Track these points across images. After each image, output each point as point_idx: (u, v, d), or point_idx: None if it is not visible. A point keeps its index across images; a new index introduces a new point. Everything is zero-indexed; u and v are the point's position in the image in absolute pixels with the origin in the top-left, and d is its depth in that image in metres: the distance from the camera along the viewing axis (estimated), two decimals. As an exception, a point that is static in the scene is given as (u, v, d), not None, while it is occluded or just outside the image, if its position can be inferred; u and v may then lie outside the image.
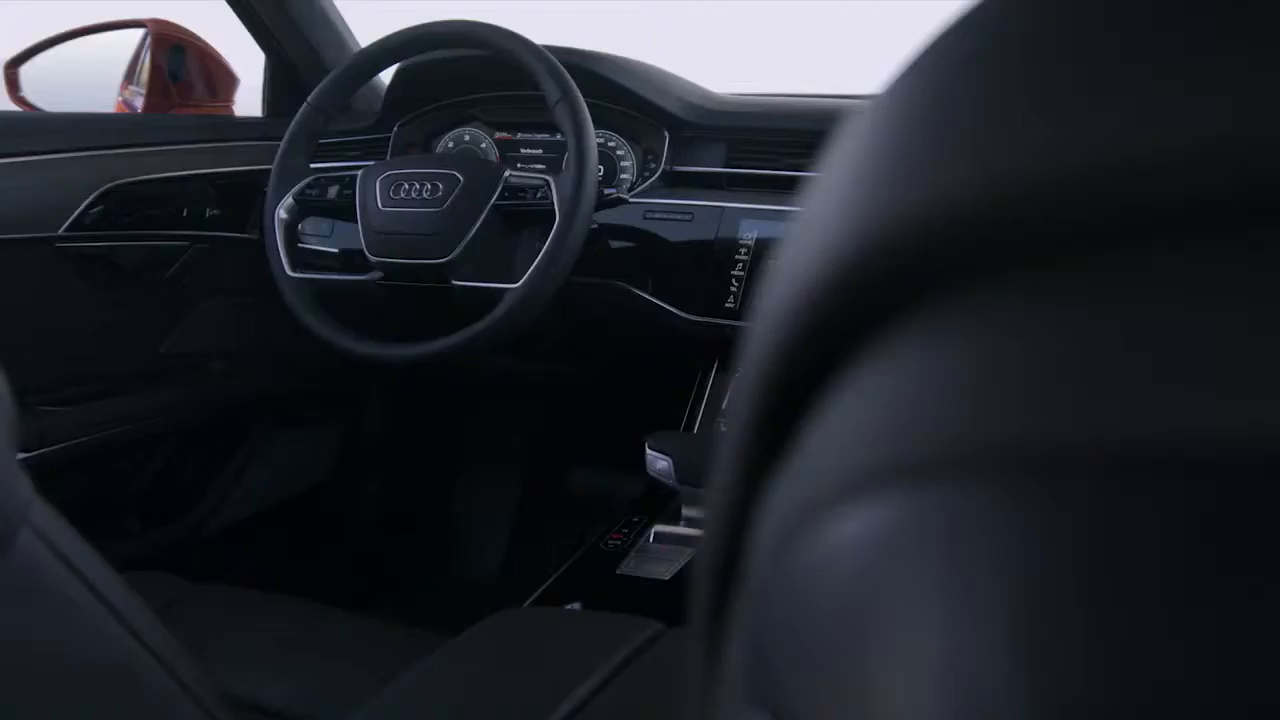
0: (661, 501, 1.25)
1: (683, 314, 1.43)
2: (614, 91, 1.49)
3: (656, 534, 1.17)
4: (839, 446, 0.18)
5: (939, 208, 0.17)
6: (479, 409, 2.07)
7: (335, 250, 1.57)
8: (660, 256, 1.46)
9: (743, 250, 1.42)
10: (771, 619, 0.19)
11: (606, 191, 1.44)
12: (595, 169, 1.33)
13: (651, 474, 1.19)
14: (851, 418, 0.18)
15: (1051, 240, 0.16)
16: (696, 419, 1.41)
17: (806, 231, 0.21)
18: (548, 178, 1.35)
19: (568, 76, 1.33)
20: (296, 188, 1.43)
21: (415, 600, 1.85)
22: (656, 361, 1.61)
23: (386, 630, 1.03)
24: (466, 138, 1.64)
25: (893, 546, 0.16)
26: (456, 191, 1.35)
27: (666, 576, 1.08)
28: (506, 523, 2.02)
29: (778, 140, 1.48)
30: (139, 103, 1.70)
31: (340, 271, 1.54)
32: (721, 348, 1.44)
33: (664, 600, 1.04)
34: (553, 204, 1.32)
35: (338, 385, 1.87)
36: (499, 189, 1.35)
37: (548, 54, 1.34)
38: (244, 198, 1.63)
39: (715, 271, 1.42)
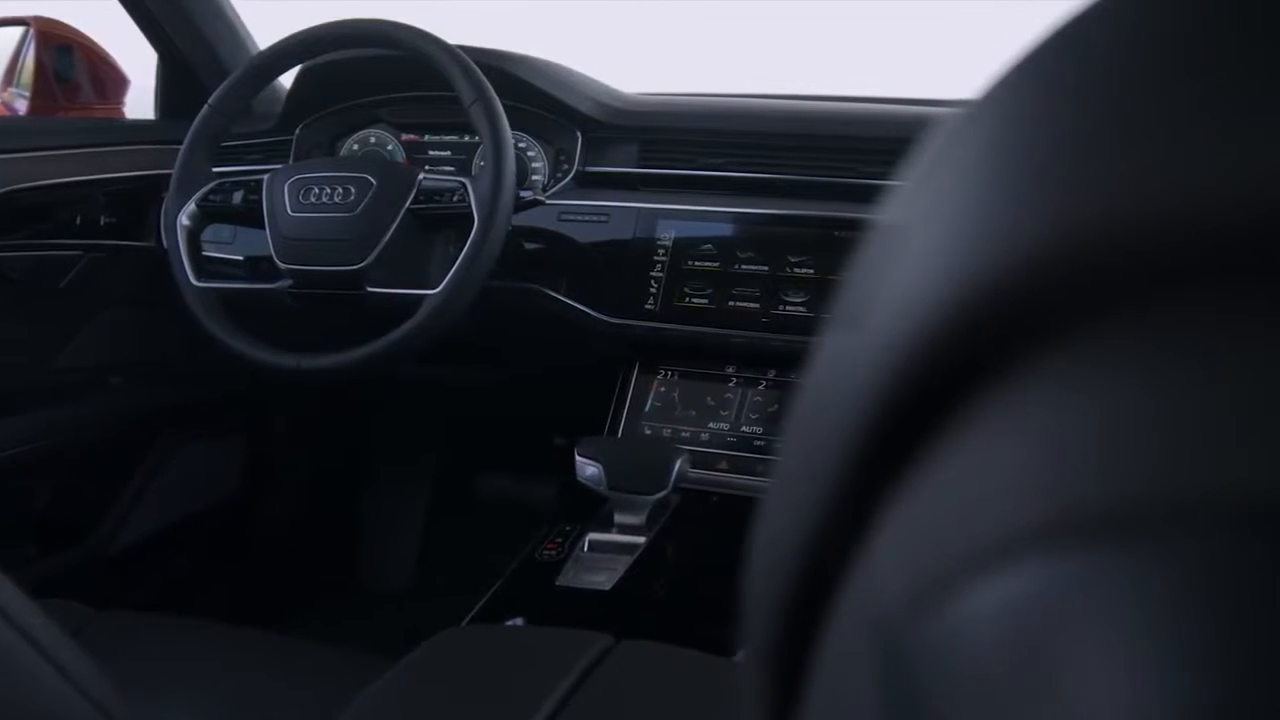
0: (591, 508, 1.23)
1: (601, 316, 1.42)
2: (525, 91, 1.47)
3: (591, 542, 1.15)
4: (990, 500, 0.17)
5: (1094, 230, 0.16)
6: (389, 416, 2.02)
7: (240, 258, 1.52)
8: (576, 258, 1.44)
9: (660, 251, 1.41)
10: (918, 682, 0.18)
11: (522, 193, 1.41)
12: (513, 171, 1.30)
13: (581, 480, 1.17)
14: (999, 467, 0.17)
15: (1220, 267, 0.15)
16: (620, 422, 1.40)
17: (916, 256, 0.20)
18: (463, 180, 1.32)
19: (482, 76, 1.31)
20: (199, 193, 1.38)
21: (331, 615, 1.80)
22: (574, 365, 1.59)
23: (319, 653, 0.99)
24: (372, 140, 1.59)
25: (1080, 606, 0.15)
26: (370, 195, 1.32)
27: (608, 586, 1.06)
28: (419, 532, 1.98)
29: (691, 140, 1.48)
30: (21, 105, 1.62)
31: (247, 280, 1.49)
32: (642, 350, 1.43)
33: (607, 611, 1.03)
34: (469, 207, 1.29)
35: (242, 396, 1.81)
36: (413, 192, 1.32)
37: (461, 53, 1.32)
38: (139, 204, 1.56)
39: (633, 273, 1.41)
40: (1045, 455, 0.16)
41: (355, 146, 1.59)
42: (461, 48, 1.34)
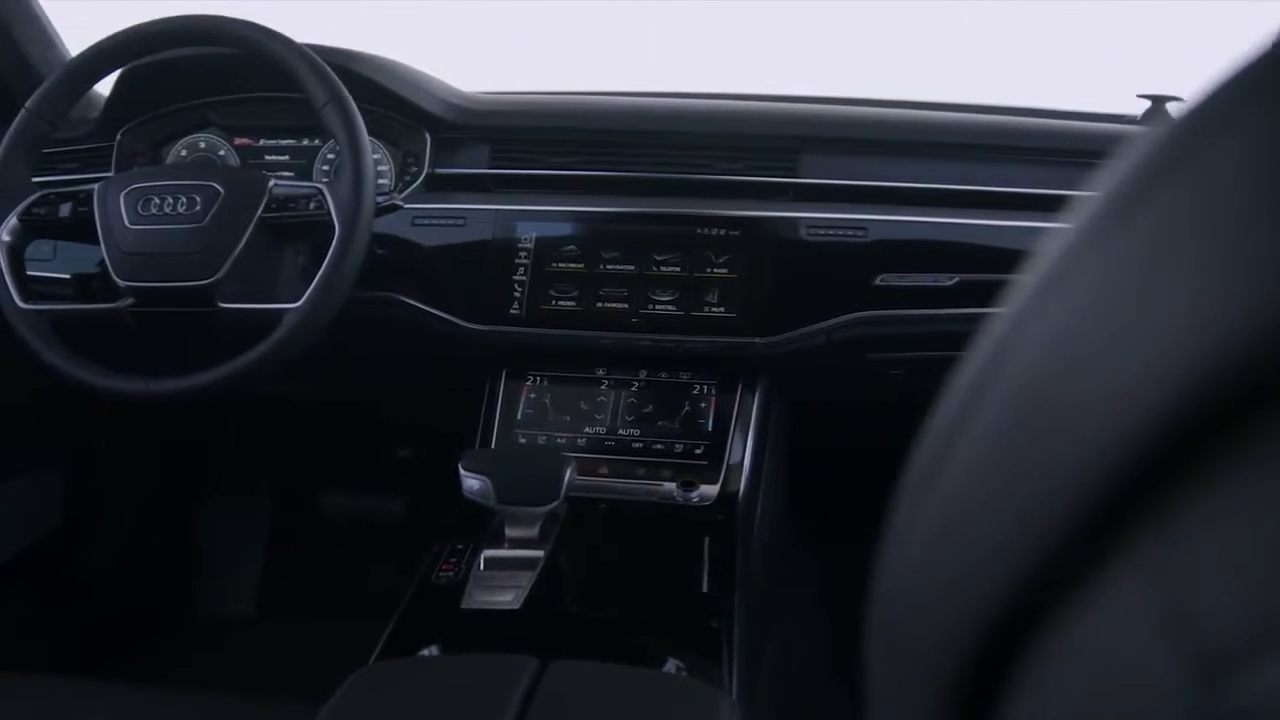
0: (476, 524, 1.18)
1: (464, 323, 1.37)
2: (370, 91, 1.40)
3: (486, 559, 1.11)
4: None
5: None
6: (225, 436, 1.91)
7: (66, 276, 1.40)
8: (432, 264, 1.39)
9: (522, 254, 1.38)
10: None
11: (379, 198, 1.35)
12: (373, 175, 1.24)
13: (468, 496, 1.13)
14: None
15: None
16: (492, 432, 1.35)
17: (1195, 278, 0.18)
18: (319, 186, 1.26)
19: (334, 76, 1.24)
20: (21, 206, 1.26)
21: (180, 652, 1.68)
22: (433, 376, 1.53)
23: (218, 703, 0.91)
24: (202, 145, 1.49)
25: None
26: (218, 205, 1.23)
27: (516, 605, 1.02)
28: (261, 557, 1.88)
29: (544, 139, 1.45)
30: None
31: (77, 300, 1.37)
32: (509, 356, 1.39)
33: (522, 631, 0.99)
34: (327, 214, 1.23)
35: (59, 423, 1.67)
36: (264, 200, 1.24)
37: (310, 52, 1.25)
38: (-61, 220, 1.41)
39: (495, 277, 1.37)
40: None
41: (184, 152, 1.49)
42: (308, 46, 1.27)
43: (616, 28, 1.78)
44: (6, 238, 1.25)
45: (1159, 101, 1.47)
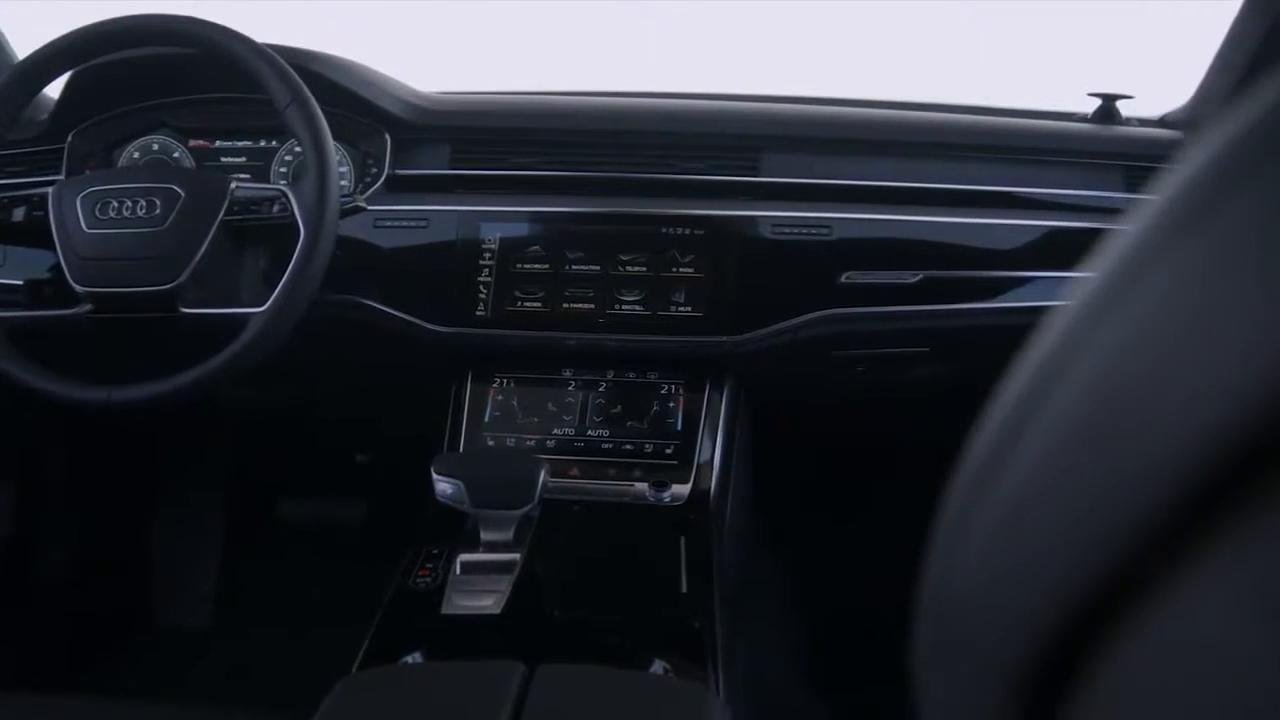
0: (447, 528, 1.17)
1: (429, 325, 1.36)
2: (330, 92, 1.37)
3: (463, 564, 1.10)
4: None
5: None
6: (181, 442, 1.87)
7: (18, 282, 1.36)
8: (395, 266, 1.38)
9: (486, 255, 1.36)
10: None
11: (341, 200, 1.33)
12: (337, 175, 1.23)
13: (441, 500, 1.12)
14: None
15: None
16: (460, 435, 1.34)
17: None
18: (282, 188, 1.24)
19: (296, 77, 1.22)
20: (-29, 212, 1.23)
21: (136, 663, 1.65)
22: (402, 378, 1.51)
23: (191, 714, 0.90)
24: (155, 147, 1.46)
25: None
26: (178, 208, 1.21)
27: (497, 610, 1.01)
28: (217, 564, 1.84)
29: (505, 139, 1.44)
30: None
31: (31, 306, 1.33)
32: (474, 358, 1.38)
33: (505, 635, 0.98)
34: (292, 216, 1.21)
35: (11, 431, 1.63)
36: (226, 202, 1.22)
37: (271, 52, 1.23)
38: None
39: (460, 279, 1.36)
40: None
41: (136, 154, 1.46)
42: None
43: (577, 27, 1.77)
44: (-43, 244, 1.22)
45: (1109, 100, 1.49)
